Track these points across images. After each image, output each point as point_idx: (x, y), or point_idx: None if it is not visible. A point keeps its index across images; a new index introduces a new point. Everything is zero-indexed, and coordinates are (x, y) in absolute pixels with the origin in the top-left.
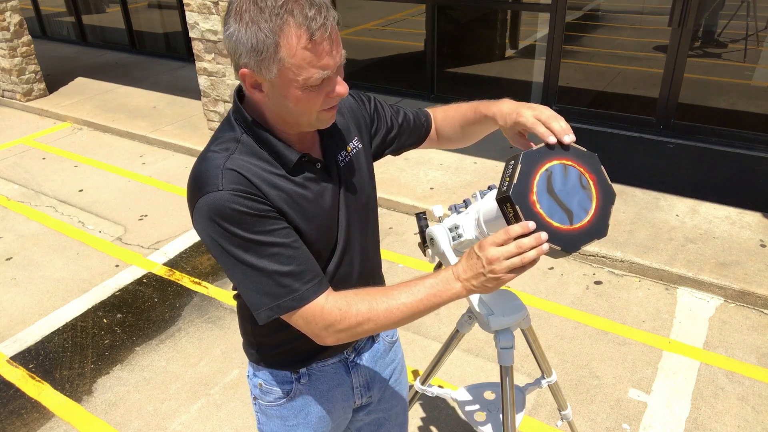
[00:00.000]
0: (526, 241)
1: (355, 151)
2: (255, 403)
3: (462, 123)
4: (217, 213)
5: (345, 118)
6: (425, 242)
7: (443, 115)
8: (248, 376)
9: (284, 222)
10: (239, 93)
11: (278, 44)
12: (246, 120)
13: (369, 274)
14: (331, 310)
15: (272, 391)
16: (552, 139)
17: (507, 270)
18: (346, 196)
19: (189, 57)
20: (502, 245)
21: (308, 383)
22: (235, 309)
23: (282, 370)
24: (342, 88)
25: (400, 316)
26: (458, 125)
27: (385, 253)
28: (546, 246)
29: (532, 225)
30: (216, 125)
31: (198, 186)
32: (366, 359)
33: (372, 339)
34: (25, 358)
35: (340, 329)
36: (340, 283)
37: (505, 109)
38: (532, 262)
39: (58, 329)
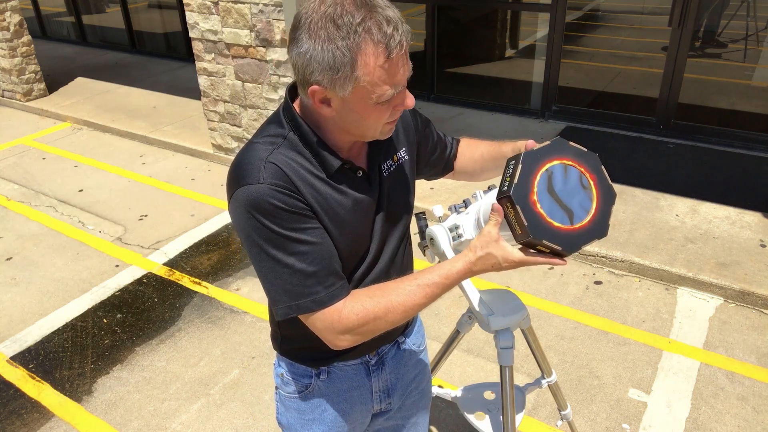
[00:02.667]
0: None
1: (401, 161)
2: (276, 393)
3: (491, 155)
4: (253, 205)
5: (398, 127)
6: (425, 242)
7: (465, 144)
8: (274, 364)
9: (317, 222)
10: (291, 92)
11: (355, 62)
12: (295, 119)
13: None
14: (348, 316)
15: (292, 383)
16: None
17: (517, 267)
18: (384, 206)
19: (189, 57)
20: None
21: (327, 380)
22: (236, 309)
23: (303, 365)
24: (410, 100)
25: (412, 304)
26: (479, 158)
27: None
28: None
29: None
30: (216, 125)
31: (239, 176)
32: (388, 365)
33: (397, 345)
34: (25, 358)
35: (357, 333)
36: None
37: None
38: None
39: (58, 329)
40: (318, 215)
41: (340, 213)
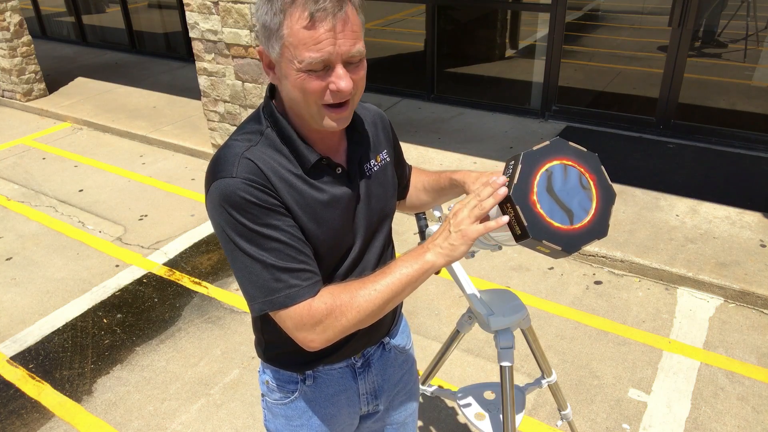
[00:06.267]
0: (484, 192)
1: (383, 162)
2: (262, 400)
3: (432, 187)
4: (226, 199)
5: (377, 129)
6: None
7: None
8: (258, 372)
9: (291, 219)
10: (272, 88)
11: (282, 22)
12: (273, 114)
13: None
14: (318, 307)
15: (278, 390)
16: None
17: (470, 219)
18: (368, 205)
19: (189, 57)
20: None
21: (314, 385)
22: (236, 309)
23: (288, 371)
24: (344, 83)
25: (381, 299)
26: (424, 188)
27: None
28: (503, 190)
29: (502, 179)
30: (216, 125)
31: (214, 170)
32: (375, 367)
33: (382, 347)
34: (25, 358)
35: (327, 326)
36: None
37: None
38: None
39: (58, 329)
40: (293, 212)
41: (317, 209)
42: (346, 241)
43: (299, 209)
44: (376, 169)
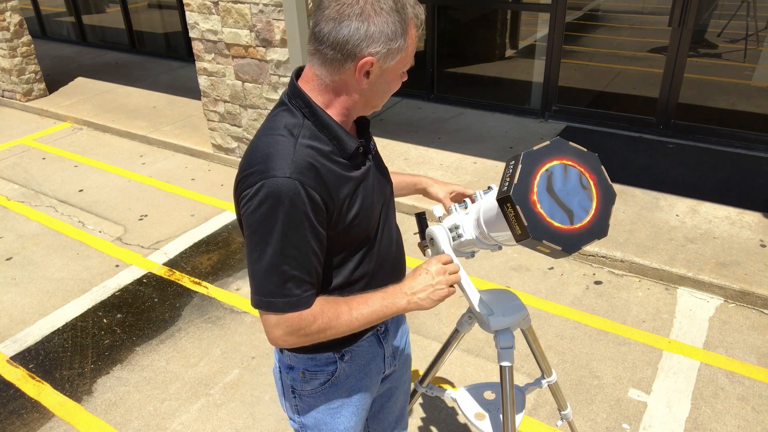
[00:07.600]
0: (451, 267)
1: (374, 141)
2: (294, 395)
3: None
4: (276, 198)
5: None
6: (425, 242)
7: None
8: (280, 371)
9: (324, 234)
10: (297, 76)
11: (406, 33)
12: (309, 105)
13: (401, 247)
14: (306, 317)
15: (317, 377)
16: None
17: (445, 289)
18: (381, 177)
19: (189, 57)
20: (447, 264)
21: (350, 360)
22: (236, 309)
23: (326, 353)
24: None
25: (357, 324)
26: None
27: None
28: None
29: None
30: (216, 125)
31: (266, 167)
32: (391, 330)
33: None
34: (25, 358)
35: (306, 333)
36: (385, 254)
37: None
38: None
39: (58, 329)
40: (345, 202)
41: (364, 190)
42: (377, 213)
43: (355, 195)
44: (374, 147)
